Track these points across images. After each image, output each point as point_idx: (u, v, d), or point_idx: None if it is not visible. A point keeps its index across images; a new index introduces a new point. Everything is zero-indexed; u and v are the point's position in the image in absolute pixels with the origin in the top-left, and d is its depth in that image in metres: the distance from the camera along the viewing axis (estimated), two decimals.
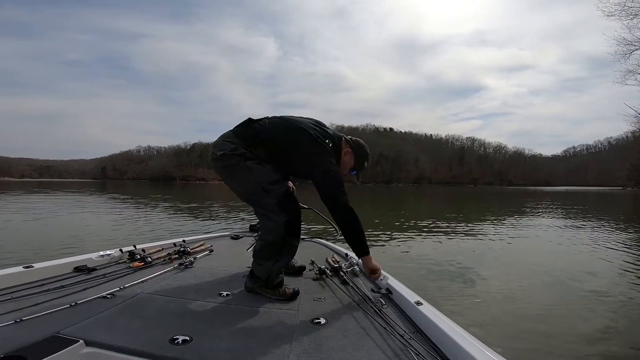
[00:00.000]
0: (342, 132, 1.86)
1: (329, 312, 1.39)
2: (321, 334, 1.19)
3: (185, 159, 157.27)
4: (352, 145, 1.76)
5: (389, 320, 1.26)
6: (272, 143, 1.60)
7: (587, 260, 5.05)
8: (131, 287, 1.58)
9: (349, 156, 1.75)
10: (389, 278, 1.67)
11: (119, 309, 1.32)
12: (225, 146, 1.57)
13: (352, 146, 1.75)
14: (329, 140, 1.65)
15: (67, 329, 1.11)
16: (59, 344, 0.99)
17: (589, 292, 3.48)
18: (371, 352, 1.07)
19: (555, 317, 2.87)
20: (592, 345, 2.36)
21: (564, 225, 9.35)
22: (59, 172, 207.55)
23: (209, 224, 8.20)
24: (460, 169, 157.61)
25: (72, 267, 1.78)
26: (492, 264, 4.78)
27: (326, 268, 1.92)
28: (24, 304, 1.28)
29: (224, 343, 1.09)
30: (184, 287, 1.65)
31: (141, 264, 1.93)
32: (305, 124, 1.66)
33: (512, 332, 2.56)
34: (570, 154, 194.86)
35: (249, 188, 1.60)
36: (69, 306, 1.29)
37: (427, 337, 1.17)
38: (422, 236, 6.91)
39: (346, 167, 1.76)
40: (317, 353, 1.06)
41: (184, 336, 1.10)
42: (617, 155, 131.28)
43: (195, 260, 2.10)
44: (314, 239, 3.03)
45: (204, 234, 3.15)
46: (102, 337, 1.07)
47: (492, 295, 3.37)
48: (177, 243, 2.45)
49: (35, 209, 10.88)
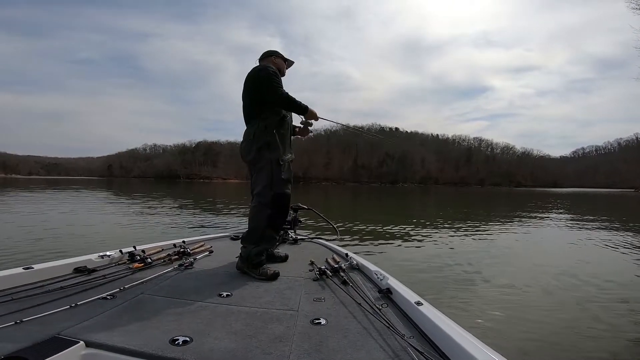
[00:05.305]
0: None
1: (329, 313, 1.39)
2: (321, 334, 1.19)
3: (189, 157, 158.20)
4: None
5: (389, 321, 1.25)
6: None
7: (591, 262, 4.99)
8: (131, 288, 1.58)
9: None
10: (389, 278, 1.66)
11: (119, 310, 1.33)
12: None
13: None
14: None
15: (68, 330, 1.11)
16: (59, 345, 1.00)
17: (591, 294, 3.45)
18: (371, 352, 1.07)
19: (556, 317, 2.86)
20: (592, 346, 2.35)
21: (570, 227, 9.23)
22: (66, 170, 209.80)
23: (209, 224, 8.23)
24: (467, 169, 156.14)
25: (72, 268, 1.79)
26: (494, 264, 4.75)
27: (326, 268, 1.91)
28: (24, 305, 1.29)
29: (224, 343, 1.09)
30: (184, 287, 1.66)
31: (141, 264, 1.94)
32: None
33: (512, 332, 2.55)
34: (579, 155, 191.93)
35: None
36: (69, 307, 1.30)
37: (428, 337, 1.16)
38: (424, 236, 6.87)
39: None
40: (317, 353, 1.06)
41: (184, 337, 1.11)
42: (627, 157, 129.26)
43: (195, 261, 2.10)
44: (314, 239, 3.03)
45: (204, 235, 3.16)
46: (103, 338, 1.08)
47: (493, 296, 3.35)
48: (177, 244, 2.46)
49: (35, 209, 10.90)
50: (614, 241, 6.82)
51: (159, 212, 10.91)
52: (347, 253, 2.27)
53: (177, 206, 13.16)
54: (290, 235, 2.98)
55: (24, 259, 4.04)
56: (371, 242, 6.09)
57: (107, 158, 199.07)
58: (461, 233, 7.49)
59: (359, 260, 2.09)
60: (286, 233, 2.99)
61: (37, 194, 18.88)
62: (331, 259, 2.11)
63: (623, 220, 11.59)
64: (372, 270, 1.85)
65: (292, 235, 3.00)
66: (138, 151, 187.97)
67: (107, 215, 9.74)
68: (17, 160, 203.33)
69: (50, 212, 9.85)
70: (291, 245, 2.80)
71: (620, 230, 8.58)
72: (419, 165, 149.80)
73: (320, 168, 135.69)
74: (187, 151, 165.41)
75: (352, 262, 2.04)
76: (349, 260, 2.09)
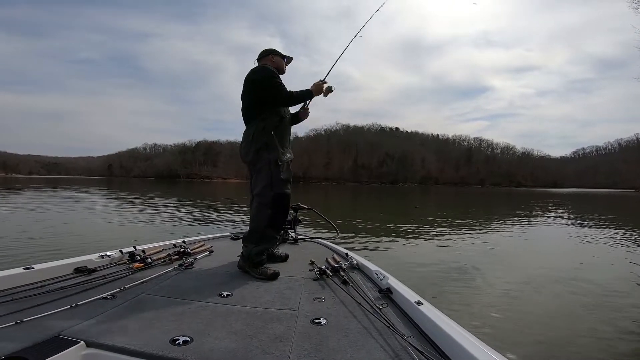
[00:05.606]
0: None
1: (329, 312, 1.39)
2: (321, 334, 1.19)
3: (190, 157, 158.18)
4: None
5: (389, 320, 1.26)
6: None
7: (591, 263, 5.00)
8: (132, 288, 1.58)
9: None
10: (389, 278, 1.66)
11: (120, 310, 1.33)
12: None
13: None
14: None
15: (68, 330, 1.12)
16: (59, 345, 1.00)
17: (591, 294, 3.46)
18: (371, 352, 1.07)
19: (556, 317, 2.87)
20: (593, 346, 2.35)
21: (571, 228, 9.23)
22: (66, 169, 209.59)
23: (209, 224, 8.23)
24: (468, 169, 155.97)
25: (73, 268, 1.79)
26: (494, 264, 4.76)
27: (326, 268, 1.91)
28: (25, 305, 1.29)
29: (224, 343, 1.09)
30: (184, 287, 1.66)
31: (141, 264, 1.94)
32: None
33: (512, 331, 2.55)
34: (579, 156, 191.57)
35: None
36: (70, 307, 1.30)
37: (428, 337, 1.16)
38: (424, 236, 6.88)
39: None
40: (318, 353, 1.06)
41: (184, 336, 1.11)
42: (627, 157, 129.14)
43: (195, 261, 2.11)
44: (314, 239, 3.03)
45: (204, 235, 3.16)
46: (103, 338, 1.08)
47: (493, 295, 3.36)
48: (177, 244, 2.46)
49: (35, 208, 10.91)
50: (614, 241, 6.82)
51: (159, 211, 10.92)
52: (348, 253, 2.27)
53: (177, 206, 13.17)
54: (291, 235, 2.98)
55: (24, 259, 4.03)
56: (371, 242, 6.09)
57: (107, 158, 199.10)
58: (461, 233, 7.49)
59: (359, 259, 2.09)
60: (286, 233, 2.98)
61: (37, 193, 18.89)
62: (331, 259, 2.11)
63: (623, 220, 11.59)
64: (372, 270, 1.85)
65: (292, 235, 3.00)
66: (138, 151, 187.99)
67: (107, 215, 9.74)
68: (17, 159, 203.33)
69: (50, 212, 9.86)
70: (291, 245, 2.80)
71: (620, 231, 8.58)
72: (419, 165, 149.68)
73: (320, 168, 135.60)
74: (187, 151, 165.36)
75: (353, 262, 2.04)
76: (349, 260, 2.09)
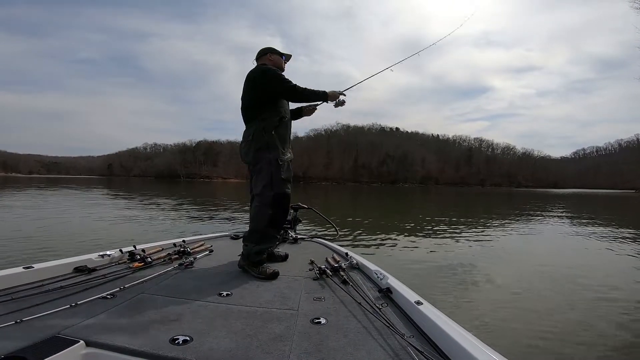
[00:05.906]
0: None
1: (329, 312, 1.39)
2: (321, 334, 1.19)
3: (190, 157, 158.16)
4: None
5: (389, 320, 1.26)
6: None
7: (591, 263, 5.00)
8: (131, 287, 1.58)
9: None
10: (389, 277, 1.66)
11: (119, 310, 1.33)
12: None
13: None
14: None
15: (68, 329, 1.12)
16: (59, 345, 1.00)
17: (592, 294, 3.46)
18: (371, 351, 1.07)
19: (556, 317, 2.87)
20: (593, 346, 2.36)
21: (571, 228, 9.23)
22: (66, 169, 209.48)
23: (209, 224, 8.24)
24: (468, 169, 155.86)
25: (72, 267, 1.79)
26: (494, 264, 4.76)
27: (326, 267, 1.91)
28: (24, 305, 1.29)
29: (224, 343, 1.10)
30: (184, 287, 1.66)
31: (141, 264, 1.94)
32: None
33: (512, 331, 2.56)
34: (579, 156, 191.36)
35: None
36: (69, 307, 1.30)
37: (427, 336, 1.16)
38: (424, 236, 6.88)
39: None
40: (317, 353, 1.06)
41: (184, 336, 1.11)
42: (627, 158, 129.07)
43: (195, 261, 2.11)
44: (314, 238, 3.02)
45: (204, 234, 3.17)
46: (103, 337, 1.08)
47: (493, 295, 3.36)
48: (177, 243, 2.46)
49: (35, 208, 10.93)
50: (615, 242, 6.82)
51: (159, 211, 10.93)
52: (347, 252, 2.27)
53: (177, 205, 13.18)
54: (290, 235, 2.97)
55: (24, 259, 4.04)
56: (371, 242, 6.09)
57: (107, 157, 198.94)
58: (461, 233, 7.49)
59: (359, 259, 2.09)
60: (286, 232, 2.98)
61: (37, 192, 18.89)
62: (331, 259, 2.11)
63: (623, 220, 11.59)
64: (372, 270, 1.85)
65: (292, 234, 2.99)
66: (138, 150, 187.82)
67: (107, 214, 9.74)
68: (17, 159, 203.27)
69: (50, 211, 9.87)
70: (291, 245, 2.80)
71: (620, 231, 8.58)
72: (419, 165, 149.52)
73: (320, 168, 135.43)
74: (187, 150, 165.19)
75: (352, 262, 2.04)
76: (349, 259, 2.09)
